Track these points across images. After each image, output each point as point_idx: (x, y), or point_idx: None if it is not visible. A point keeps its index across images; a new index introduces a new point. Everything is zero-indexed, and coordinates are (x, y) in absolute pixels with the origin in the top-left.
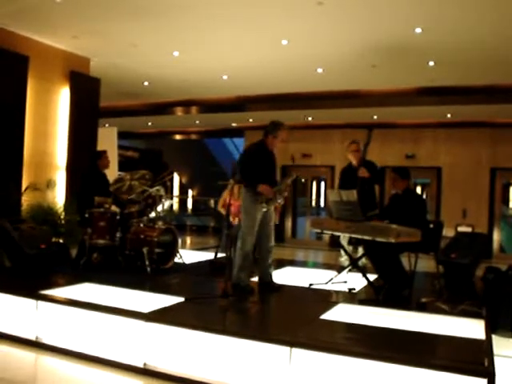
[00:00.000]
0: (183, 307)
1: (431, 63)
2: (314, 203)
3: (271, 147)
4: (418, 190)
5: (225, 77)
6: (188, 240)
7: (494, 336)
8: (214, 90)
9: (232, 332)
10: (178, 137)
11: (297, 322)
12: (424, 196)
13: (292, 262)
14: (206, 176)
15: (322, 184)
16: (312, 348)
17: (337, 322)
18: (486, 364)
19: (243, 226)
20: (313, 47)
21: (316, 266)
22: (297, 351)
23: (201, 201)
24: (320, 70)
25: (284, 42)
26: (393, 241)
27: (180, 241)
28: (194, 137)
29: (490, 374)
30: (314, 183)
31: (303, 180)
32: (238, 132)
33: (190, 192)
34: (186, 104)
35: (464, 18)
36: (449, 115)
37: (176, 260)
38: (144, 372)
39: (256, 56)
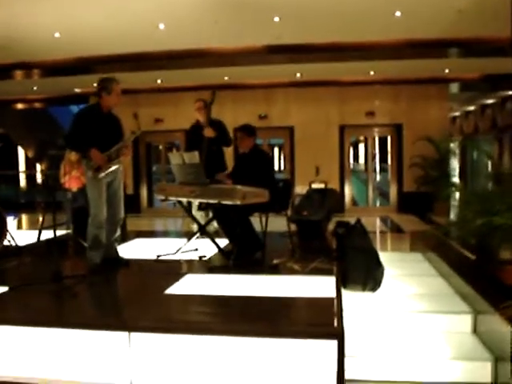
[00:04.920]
0: (5, 299)
1: (276, 19)
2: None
3: (107, 108)
4: (276, 151)
5: (57, 34)
6: (38, 218)
7: (345, 291)
8: (49, 50)
9: (61, 323)
10: (19, 106)
11: (138, 300)
12: (280, 156)
13: (142, 234)
14: (55, 148)
15: (177, 149)
16: (152, 330)
17: (183, 296)
18: (336, 324)
19: (90, 199)
20: None
21: (168, 235)
22: (136, 335)
23: (51, 175)
24: (162, 26)
25: None
26: (239, 202)
27: (19, 220)
28: (37, 105)
29: (339, 334)
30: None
31: (160, 147)
32: (82, 98)
33: (39, 166)
34: (18, 67)
35: None
36: (298, 74)
37: (6, 243)
38: None
39: (89, 10)
